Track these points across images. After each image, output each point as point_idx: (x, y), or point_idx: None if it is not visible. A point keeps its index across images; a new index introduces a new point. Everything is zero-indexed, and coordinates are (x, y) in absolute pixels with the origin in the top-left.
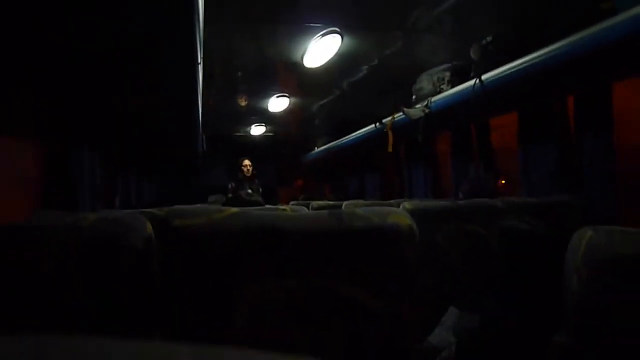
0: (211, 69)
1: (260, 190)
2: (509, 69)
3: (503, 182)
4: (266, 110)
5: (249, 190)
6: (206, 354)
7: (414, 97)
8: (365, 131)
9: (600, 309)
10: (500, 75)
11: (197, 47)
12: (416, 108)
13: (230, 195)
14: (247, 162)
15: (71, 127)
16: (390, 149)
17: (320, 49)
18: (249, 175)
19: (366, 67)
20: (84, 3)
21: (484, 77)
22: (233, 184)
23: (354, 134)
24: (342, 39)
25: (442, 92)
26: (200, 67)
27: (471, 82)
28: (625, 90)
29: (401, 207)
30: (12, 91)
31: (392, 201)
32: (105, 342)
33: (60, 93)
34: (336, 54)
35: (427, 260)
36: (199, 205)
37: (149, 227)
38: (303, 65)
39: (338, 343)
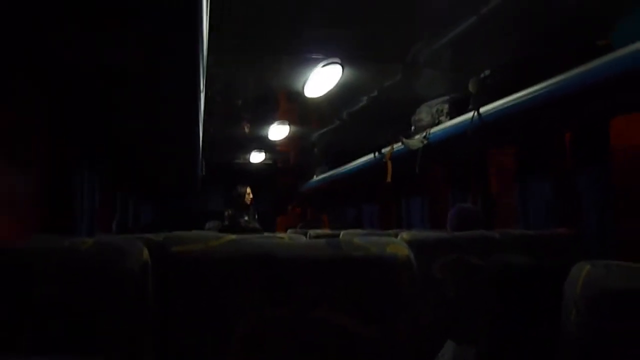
0: (213, 97)
1: (257, 217)
2: (506, 102)
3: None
4: (266, 138)
5: (246, 218)
6: None
7: (412, 128)
8: (364, 161)
9: (599, 343)
10: (498, 108)
11: (199, 75)
12: (415, 139)
13: (226, 222)
14: (249, 189)
15: (71, 151)
16: (389, 179)
17: (321, 80)
18: (248, 203)
19: (366, 97)
20: (86, 27)
21: (481, 110)
22: (230, 211)
23: (353, 163)
24: (342, 70)
25: (441, 123)
26: (202, 95)
27: (469, 115)
28: (622, 125)
29: (399, 237)
30: (10, 114)
31: (390, 231)
32: None
33: (60, 116)
34: (336, 85)
35: (424, 292)
36: (195, 231)
37: (146, 252)
38: (304, 94)
39: None
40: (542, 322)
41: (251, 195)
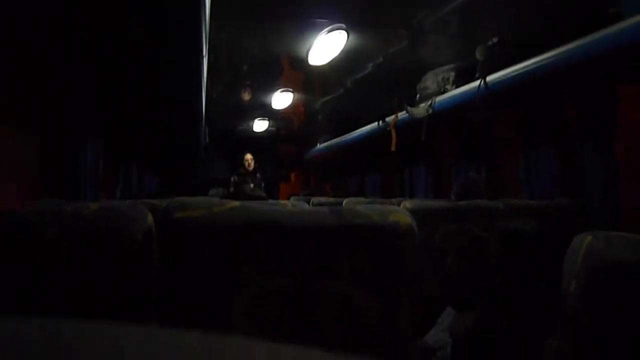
0: (216, 63)
1: (263, 185)
2: (514, 71)
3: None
4: (269, 106)
5: (252, 185)
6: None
7: (418, 96)
8: (368, 129)
9: (597, 314)
10: (505, 77)
11: (202, 40)
12: (420, 107)
13: (232, 188)
14: (249, 156)
15: (75, 118)
16: (393, 148)
17: (326, 46)
18: (250, 169)
19: (371, 64)
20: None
21: (488, 78)
22: (235, 178)
23: (356, 131)
24: (347, 35)
25: (447, 92)
26: (205, 61)
27: (476, 83)
28: (629, 99)
29: (402, 206)
30: (16, 82)
31: (392, 200)
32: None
33: (63, 85)
34: (341, 51)
35: (426, 260)
36: (199, 197)
37: (150, 218)
38: (308, 61)
39: (335, 340)
40: (542, 290)
41: (252, 161)
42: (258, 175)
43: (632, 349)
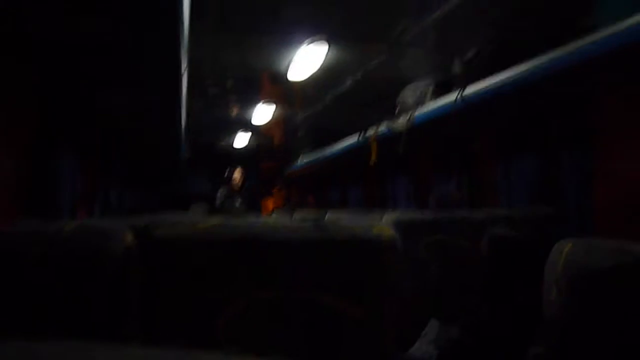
0: (195, 78)
1: (248, 201)
2: (490, 83)
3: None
4: (251, 120)
5: (239, 200)
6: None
7: (397, 109)
8: (349, 143)
9: (578, 321)
10: (482, 89)
11: (180, 55)
12: (399, 121)
13: (218, 202)
14: (237, 171)
15: (53, 135)
16: (373, 160)
17: (306, 60)
18: (238, 185)
19: (351, 79)
20: (65, 6)
21: (466, 91)
22: (222, 193)
23: (338, 145)
24: (327, 50)
25: (425, 105)
26: (184, 76)
27: (453, 96)
28: (605, 107)
29: (384, 218)
30: None
31: (375, 212)
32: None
33: (41, 100)
34: (322, 66)
35: (410, 272)
36: (180, 214)
37: (130, 236)
38: (288, 76)
39: (320, 355)
40: (526, 298)
41: (240, 178)
42: (245, 191)
43: (613, 354)
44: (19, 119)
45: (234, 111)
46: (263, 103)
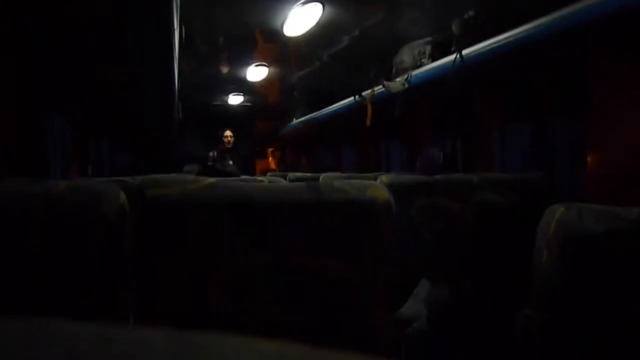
0: (188, 36)
1: (241, 161)
2: (489, 44)
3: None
4: (244, 80)
5: (230, 162)
6: (182, 339)
7: (394, 70)
8: (344, 104)
9: (569, 284)
10: (481, 50)
11: (173, 12)
12: (396, 82)
13: (211, 164)
14: (228, 132)
15: (41, 93)
16: (369, 123)
17: (301, 18)
18: (229, 146)
19: (347, 38)
20: None
21: (464, 52)
22: (214, 153)
23: (333, 106)
24: (323, 7)
25: (423, 66)
26: (176, 34)
27: (452, 57)
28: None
29: (378, 180)
30: None
31: (369, 174)
32: (75, 326)
33: (30, 59)
34: (317, 24)
35: (402, 234)
36: (174, 175)
37: (123, 196)
38: (283, 34)
39: (312, 314)
40: (515, 261)
41: (232, 138)
42: (238, 151)
43: (603, 317)
44: (6, 79)
45: (228, 70)
46: (257, 62)
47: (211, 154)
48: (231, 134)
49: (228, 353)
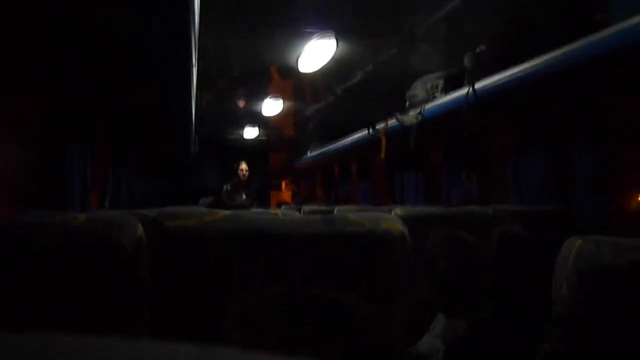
0: (206, 70)
1: (256, 194)
2: (501, 78)
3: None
4: (259, 114)
5: (244, 195)
6: (201, 354)
7: (407, 103)
8: (358, 136)
9: (588, 317)
10: (493, 84)
11: (191, 48)
12: (409, 115)
13: (224, 197)
14: (244, 165)
15: (63, 125)
16: (383, 155)
17: (316, 53)
18: (244, 179)
19: (360, 72)
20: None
21: (476, 85)
22: (228, 187)
23: (347, 138)
24: (337, 43)
25: (436, 99)
26: (194, 69)
27: (464, 90)
28: (616, 100)
29: (393, 213)
30: (3, 90)
31: (383, 207)
32: (98, 341)
33: (53, 90)
34: (331, 59)
35: (417, 267)
36: (190, 207)
37: (140, 228)
38: (298, 69)
39: (328, 348)
40: (534, 295)
41: (247, 171)
42: (252, 185)
43: (623, 350)
44: (30, 112)
45: (244, 104)
46: (272, 96)
47: (225, 187)
48: (246, 167)
49: None
